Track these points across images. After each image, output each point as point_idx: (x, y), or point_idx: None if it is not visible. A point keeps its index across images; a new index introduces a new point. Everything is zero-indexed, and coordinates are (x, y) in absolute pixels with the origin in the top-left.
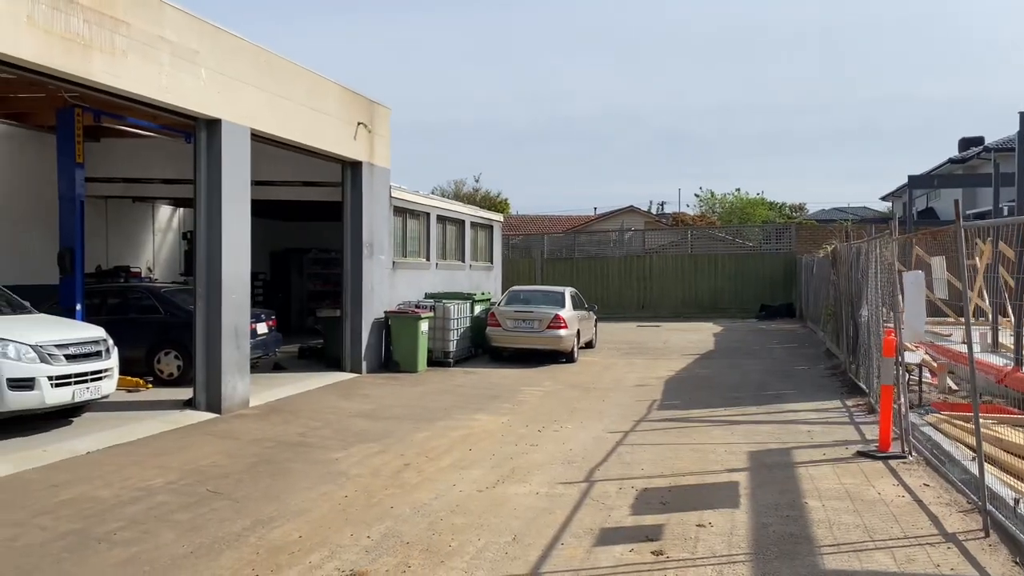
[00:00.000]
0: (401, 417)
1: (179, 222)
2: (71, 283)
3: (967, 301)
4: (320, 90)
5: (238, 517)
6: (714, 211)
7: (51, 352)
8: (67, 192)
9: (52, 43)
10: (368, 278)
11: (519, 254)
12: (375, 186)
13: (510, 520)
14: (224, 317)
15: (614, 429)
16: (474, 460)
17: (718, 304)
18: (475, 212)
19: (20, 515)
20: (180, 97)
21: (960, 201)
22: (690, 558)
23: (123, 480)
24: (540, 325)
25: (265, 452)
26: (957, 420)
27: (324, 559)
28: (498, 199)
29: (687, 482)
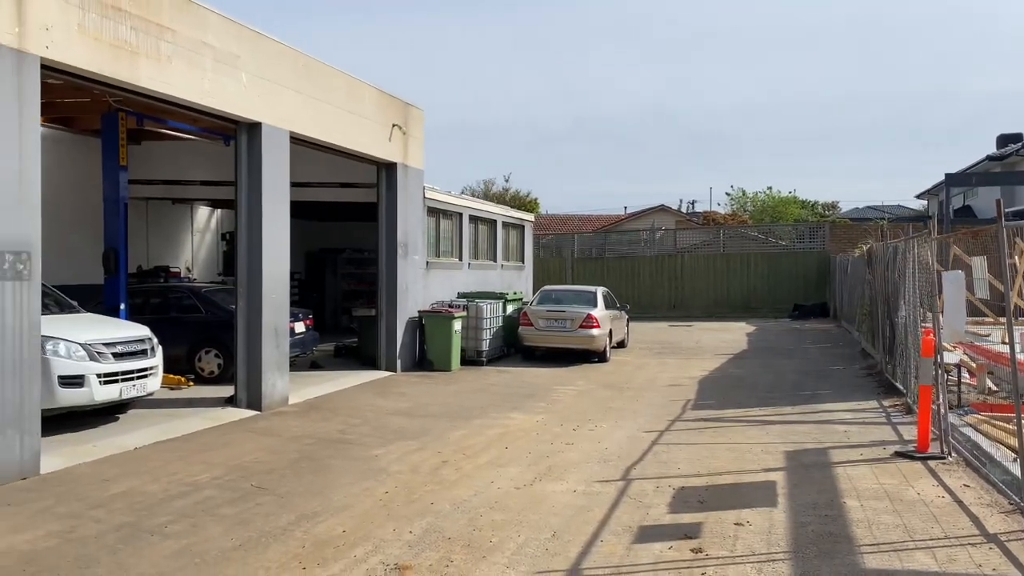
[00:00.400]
0: (437, 415)
1: (217, 223)
2: (115, 283)
3: (1009, 301)
4: (356, 93)
5: (283, 512)
6: (745, 210)
7: (100, 350)
8: (111, 194)
9: (101, 50)
10: (402, 278)
11: (549, 254)
12: (409, 187)
13: (549, 517)
14: (264, 316)
15: (649, 428)
16: (511, 458)
17: (750, 304)
18: (507, 212)
19: (76, 507)
20: (222, 101)
21: (1001, 200)
22: (729, 556)
23: (170, 475)
24: (572, 324)
25: (306, 448)
26: (997, 421)
27: (368, 553)
28: (528, 199)
29: (724, 481)
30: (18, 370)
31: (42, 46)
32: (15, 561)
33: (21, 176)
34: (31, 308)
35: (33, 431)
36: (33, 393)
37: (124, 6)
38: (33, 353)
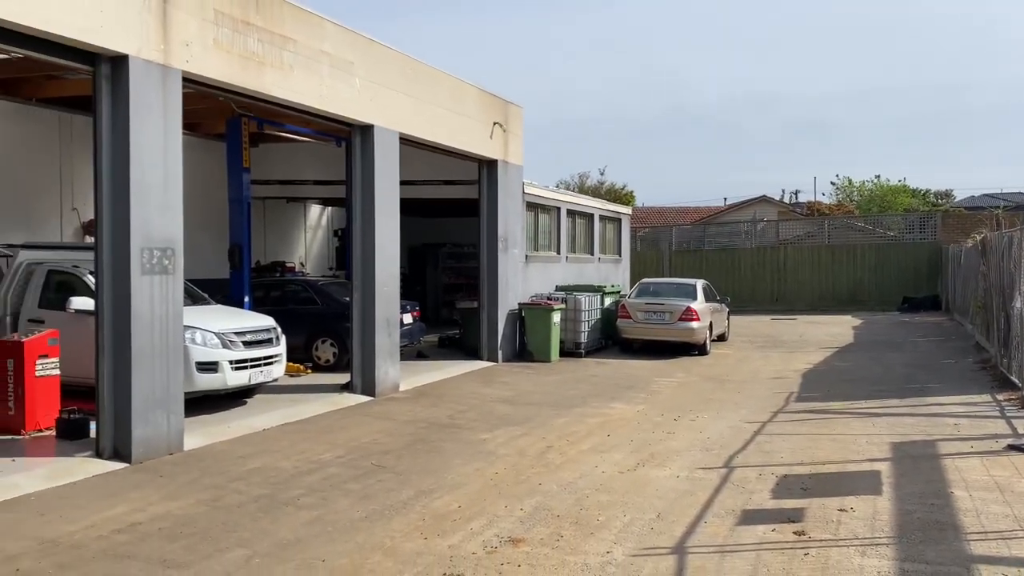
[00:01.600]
0: (539, 403)
1: (328, 220)
2: (240, 277)
3: None
4: (460, 93)
5: (402, 488)
6: (852, 199)
7: (231, 339)
8: (236, 195)
9: (232, 62)
10: (503, 271)
11: (647, 246)
12: (509, 183)
13: (653, 499)
14: (377, 308)
15: (751, 419)
16: (613, 445)
17: (857, 296)
18: (603, 205)
19: (218, 480)
20: (338, 105)
21: None
22: (832, 539)
23: (298, 453)
24: (671, 317)
25: (419, 432)
26: None
27: (483, 527)
28: (623, 191)
29: (827, 470)
30: (165, 356)
31: (183, 60)
32: (173, 523)
33: (166, 181)
34: (175, 300)
35: (177, 411)
36: (177, 377)
37: (252, 20)
38: (177, 340)
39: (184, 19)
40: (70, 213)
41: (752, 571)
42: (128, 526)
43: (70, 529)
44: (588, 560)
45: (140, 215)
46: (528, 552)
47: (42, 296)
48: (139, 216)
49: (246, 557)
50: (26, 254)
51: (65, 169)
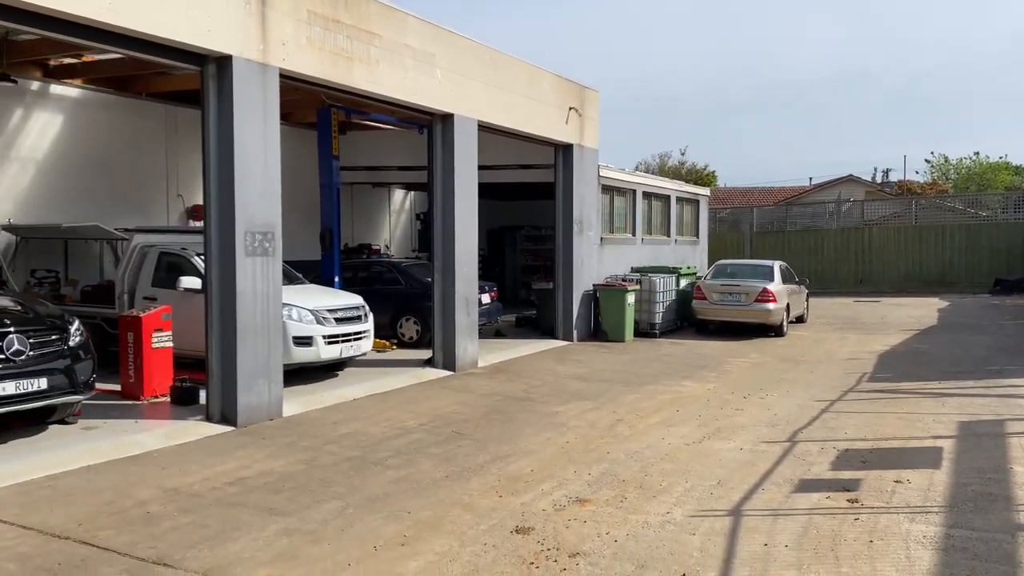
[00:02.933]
0: (611, 380)
1: (411, 204)
2: (330, 259)
3: None
4: (536, 80)
5: (479, 453)
6: (948, 178)
7: (324, 316)
8: (326, 181)
9: (324, 58)
10: (578, 253)
11: (727, 227)
12: (584, 166)
13: (715, 468)
14: (457, 288)
15: (820, 398)
16: (681, 419)
17: (946, 278)
18: (681, 187)
19: (313, 443)
20: (421, 96)
21: None
22: (883, 507)
23: (385, 421)
24: (747, 298)
25: (495, 404)
26: None
27: (553, 488)
28: (704, 172)
29: (889, 445)
30: (266, 330)
31: (280, 58)
32: (275, 479)
33: (266, 170)
34: (275, 279)
35: (277, 381)
36: (277, 349)
37: (341, 18)
38: (276, 317)
39: (281, 20)
40: (175, 199)
41: (802, 532)
42: (237, 480)
43: (188, 481)
44: (649, 519)
45: (243, 202)
46: (593, 511)
47: (154, 276)
48: (242, 203)
49: (341, 508)
50: (140, 238)
51: (171, 159)
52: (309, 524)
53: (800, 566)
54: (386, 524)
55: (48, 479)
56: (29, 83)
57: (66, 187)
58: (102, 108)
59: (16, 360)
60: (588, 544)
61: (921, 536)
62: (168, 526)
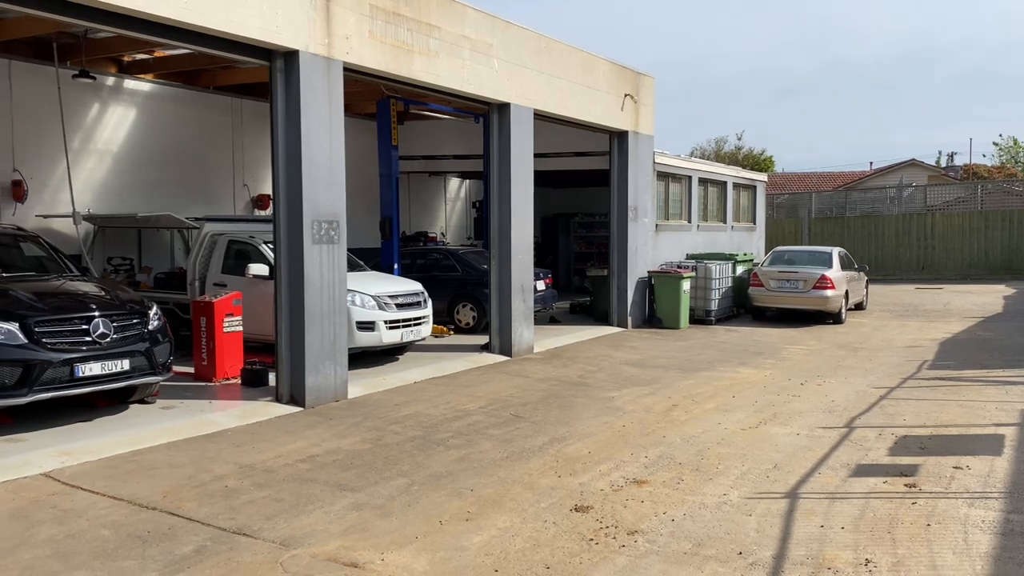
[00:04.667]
0: (666, 367)
1: (466, 192)
2: (390, 246)
3: None
4: (591, 67)
5: (538, 435)
6: (1017, 162)
7: (385, 302)
8: (386, 170)
9: (385, 51)
10: (632, 240)
11: (784, 213)
12: (639, 153)
13: (771, 453)
14: (513, 275)
15: (879, 385)
16: (737, 405)
17: (1013, 265)
18: (737, 173)
19: (378, 423)
20: (478, 86)
21: None
22: (942, 492)
23: (445, 403)
24: (805, 285)
25: (552, 388)
26: None
27: (611, 469)
28: (762, 157)
29: (949, 432)
30: (331, 315)
31: (343, 52)
32: (344, 457)
33: (331, 160)
34: (340, 266)
35: (342, 363)
36: (342, 334)
37: (402, 11)
38: (341, 302)
39: (344, 15)
40: (241, 189)
41: (859, 515)
42: (307, 457)
43: (261, 457)
44: (705, 500)
45: (310, 191)
46: (651, 491)
47: (224, 263)
48: (309, 192)
49: (406, 484)
50: (210, 226)
51: (236, 150)
52: (377, 499)
53: (856, 547)
54: (450, 500)
55: (132, 454)
56: (105, 79)
57: (139, 178)
58: (172, 101)
59: (101, 342)
60: (646, 523)
61: (980, 521)
62: (245, 499)
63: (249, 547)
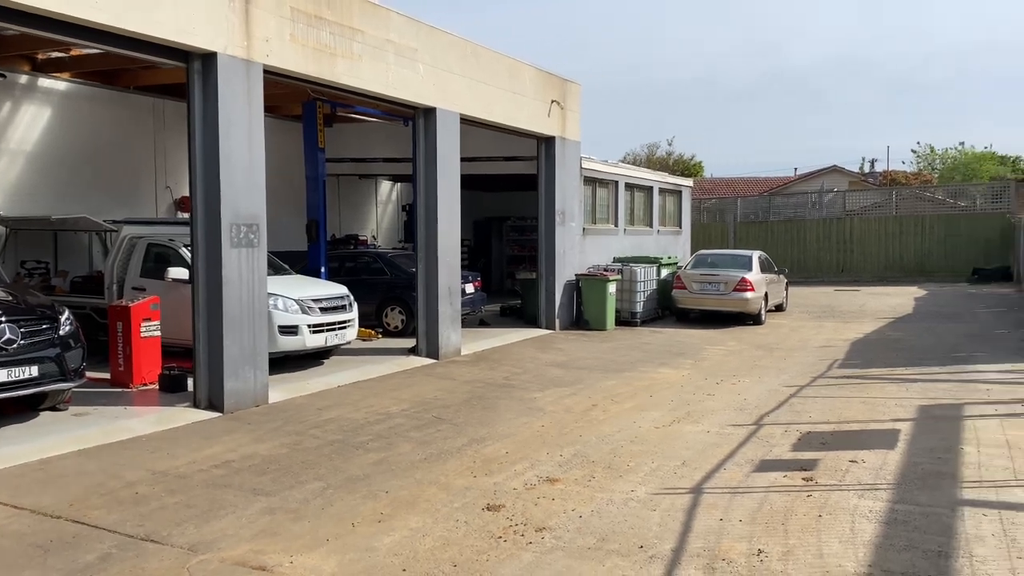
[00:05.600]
0: (590, 368)
1: (397, 195)
2: (317, 249)
3: None
4: (517, 74)
5: (458, 436)
6: (934, 168)
7: (309, 305)
8: (312, 173)
9: (307, 54)
10: (560, 243)
11: (711, 218)
12: (567, 159)
13: (681, 450)
14: (440, 278)
15: (790, 384)
16: (654, 404)
17: (925, 267)
18: (663, 178)
19: (298, 427)
20: (403, 90)
21: None
22: (836, 484)
23: (368, 407)
24: (726, 288)
25: (476, 390)
26: None
27: (526, 468)
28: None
29: (850, 428)
30: (251, 320)
31: (264, 55)
32: (260, 462)
33: (251, 163)
34: (260, 269)
35: (263, 368)
36: (262, 338)
37: (324, 15)
38: (262, 306)
39: (264, 17)
40: (163, 191)
41: (757, 508)
42: (223, 462)
43: (175, 464)
44: (613, 496)
45: (229, 194)
46: (562, 489)
47: (143, 266)
48: (228, 195)
49: (322, 488)
50: (128, 229)
51: (159, 151)
52: (291, 503)
53: (751, 538)
54: (364, 502)
55: (41, 463)
56: (17, 77)
57: (55, 179)
58: (90, 101)
59: (8, 349)
60: (554, 520)
61: (867, 511)
62: (156, 506)
63: (156, 553)
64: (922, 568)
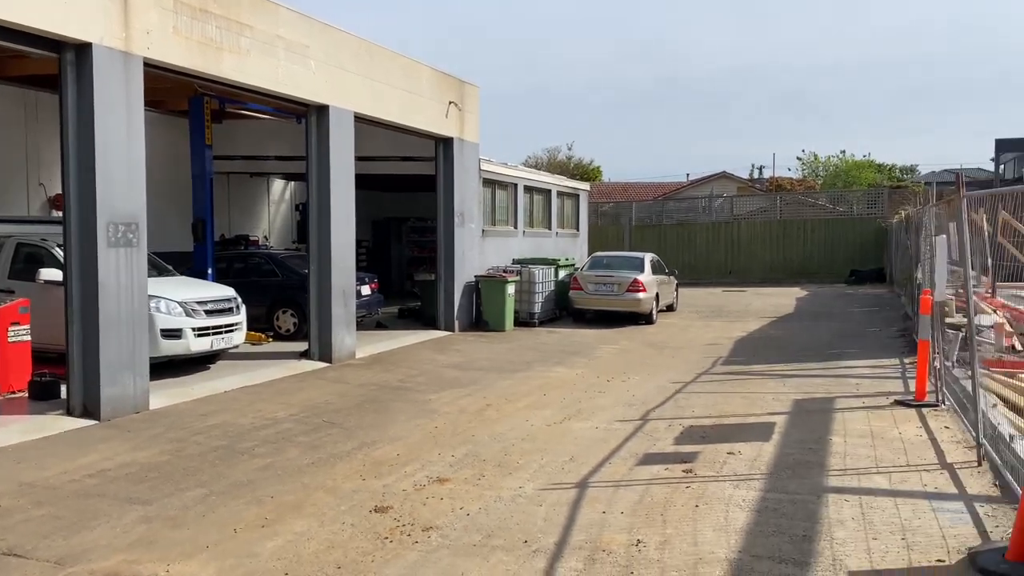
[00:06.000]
0: (487, 368)
1: (291, 194)
2: (203, 250)
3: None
4: (414, 73)
5: (348, 440)
6: (817, 175)
7: (194, 308)
8: (199, 170)
9: (192, 48)
10: (460, 245)
11: (608, 221)
12: (465, 160)
13: (570, 446)
14: (333, 280)
15: (677, 380)
16: (547, 403)
17: (807, 269)
18: (562, 182)
19: (181, 434)
20: (294, 87)
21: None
22: (714, 475)
23: (255, 412)
24: (620, 288)
25: (370, 394)
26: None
27: (416, 469)
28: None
29: (729, 422)
30: (130, 323)
31: (144, 47)
32: (138, 469)
33: (130, 160)
34: (140, 271)
35: (143, 373)
36: (143, 342)
37: (210, 8)
38: (142, 309)
39: (144, 8)
40: (37, 188)
41: (638, 500)
42: (98, 472)
43: (45, 475)
44: (502, 493)
45: (105, 192)
46: (452, 488)
47: (12, 268)
48: (104, 193)
49: (204, 495)
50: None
51: (31, 145)
52: (169, 511)
53: (631, 529)
54: (248, 508)
55: None
56: None
57: None
58: None
59: None
60: (442, 519)
61: (741, 500)
62: (20, 519)
63: (20, 568)
64: (787, 552)
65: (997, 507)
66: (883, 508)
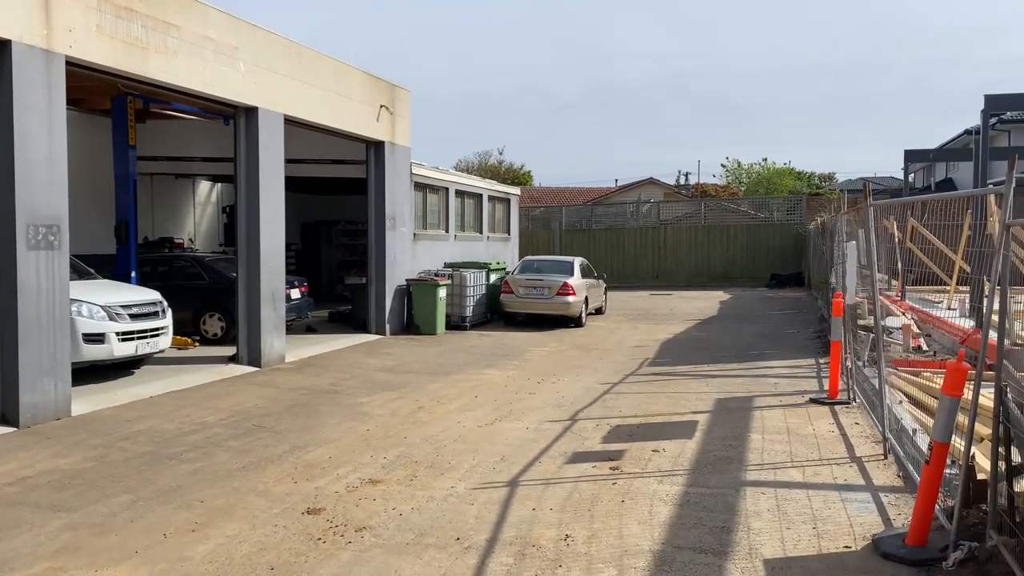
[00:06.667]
0: (419, 371)
1: (218, 196)
2: (127, 253)
3: (874, 270)
4: (345, 76)
5: (279, 444)
6: (741, 182)
7: (117, 312)
8: (122, 171)
9: (116, 47)
10: (391, 249)
11: (539, 225)
12: (396, 164)
13: (501, 447)
14: (263, 283)
15: (604, 381)
16: (478, 404)
17: (730, 273)
18: (493, 186)
19: (104, 440)
20: (222, 88)
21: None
22: (640, 472)
23: (183, 417)
24: (550, 292)
25: (300, 398)
26: (903, 373)
27: (348, 472)
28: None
29: (655, 421)
30: (51, 327)
31: (66, 45)
32: (62, 476)
33: (51, 160)
34: (61, 274)
35: (64, 379)
36: (64, 347)
37: (136, 7)
38: (63, 313)
39: (67, 5)
40: None
41: (567, 497)
42: (18, 480)
43: None
44: (434, 494)
45: (25, 193)
46: (384, 489)
47: None
48: (24, 194)
49: (130, 501)
50: None
51: None
52: (95, 518)
53: (560, 525)
54: (177, 513)
55: None
56: None
57: None
58: None
59: None
60: (375, 519)
61: (665, 495)
62: None
63: None
64: (707, 542)
65: (900, 496)
66: (797, 500)
